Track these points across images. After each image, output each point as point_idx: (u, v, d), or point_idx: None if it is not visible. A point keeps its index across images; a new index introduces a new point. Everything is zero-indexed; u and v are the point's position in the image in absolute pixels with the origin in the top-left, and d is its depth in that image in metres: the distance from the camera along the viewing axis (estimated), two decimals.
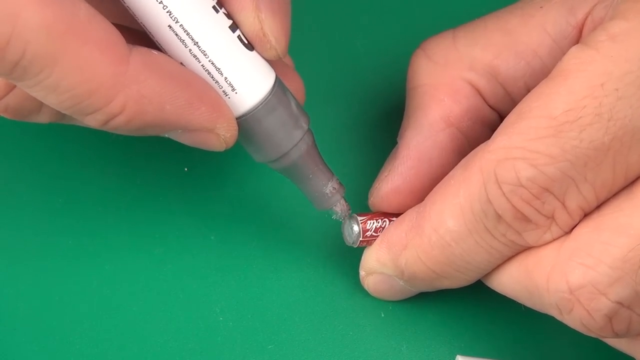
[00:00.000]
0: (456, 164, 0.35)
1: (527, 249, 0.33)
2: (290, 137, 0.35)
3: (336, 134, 0.43)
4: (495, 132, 0.32)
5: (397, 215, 0.38)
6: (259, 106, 0.34)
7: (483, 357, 0.39)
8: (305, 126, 0.35)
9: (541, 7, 0.36)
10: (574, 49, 0.32)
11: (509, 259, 0.34)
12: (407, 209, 0.37)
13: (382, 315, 0.40)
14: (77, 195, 0.41)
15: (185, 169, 0.42)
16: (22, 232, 0.41)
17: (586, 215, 0.32)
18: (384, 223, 0.38)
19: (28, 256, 0.40)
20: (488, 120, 0.38)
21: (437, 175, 0.37)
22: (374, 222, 0.38)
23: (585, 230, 0.32)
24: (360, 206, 0.39)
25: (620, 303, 0.31)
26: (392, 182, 0.37)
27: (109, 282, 0.40)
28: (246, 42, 0.34)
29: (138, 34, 0.33)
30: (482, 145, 0.33)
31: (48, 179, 0.42)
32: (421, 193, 0.37)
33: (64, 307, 0.40)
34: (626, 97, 0.30)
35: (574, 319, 0.32)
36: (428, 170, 0.37)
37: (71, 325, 0.39)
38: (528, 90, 0.34)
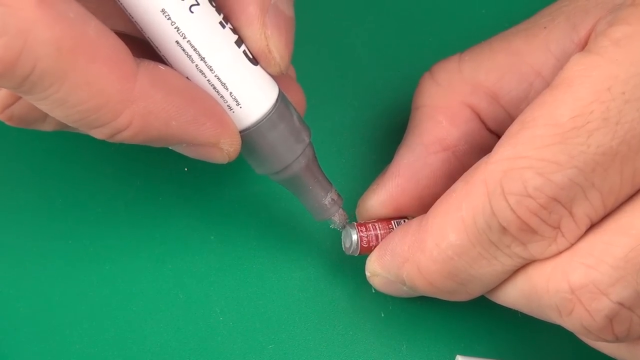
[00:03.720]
0: (445, 187, 0.35)
1: (531, 262, 0.33)
2: (291, 151, 0.35)
3: (336, 135, 0.43)
4: (497, 143, 0.32)
5: (397, 218, 0.38)
6: (262, 120, 0.34)
7: (483, 357, 0.39)
8: (306, 139, 0.35)
9: (545, 28, 0.36)
10: (576, 56, 0.31)
11: (513, 274, 0.33)
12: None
13: (382, 315, 0.40)
14: (77, 195, 0.41)
15: (185, 169, 0.42)
16: (22, 232, 0.41)
17: (593, 225, 0.32)
18: (383, 230, 0.38)
19: (28, 257, 0.40)
20: (486, 145, 0.37)
21: (424, 195, 0.37)
22: (372, 231, 0.38)
23: (588, 234, 0.32)
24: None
25: (621, 304, 0.31)
26: (378, 196, 0.38)
27: (109, 282, 0.40)
28: (251, 56, 0.34)
29: (145, 44, 0.33)
30: (484, 158, 0.33)
31: (48, 179, 0.42)
32: (407, 210, 0.38)
33: (64, 307, 0.40)
34: (633, 100, 0.30)
35: (574, 321, 0.32)
36: (415, 190, 0.37)
37: (71, 325, 0.39)
38: None
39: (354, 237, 0.37)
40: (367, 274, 0.38)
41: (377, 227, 0.38)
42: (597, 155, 0.30)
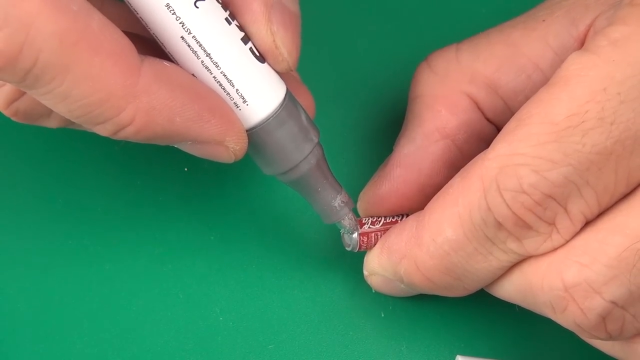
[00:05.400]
0: (446, 176, 0.35)
1: (526, 258, 0.33)
2: (300, 150, 0.35)
3: (338, 134, 0.43)
4: (495, 140, 0.32)
5: (397, 216, 0.38)
6: (269, 118, 0.34)
7: (483, 357, 0.39)
8: (315, 139, 0.35)
9: (543, 21, 0.36)
10: (574, 54, 0.32)
11: (508, 270, 0.34)
12: (394, 214, 0.38)
13: (382, 315, 0.40)
14: (78, 195, 0.41)
15: (185, 169, 0.42)
16: (23, 232, 0.41)
17: (587, 223, 0.32)
18: (383, 226, 0.38)
19: (28, 256, 0.40)
20: (485, 134, 0.38)
21: (426, 185, 0.37)
22: (372, 227, 0.37)
23: (583, 232, 0.32)
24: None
25: (614, 303, 0.31)
26: (379, 188, 0.38)
27: (109, 282, 0.40)
28: (258, 54, 0.33)
29: (150, 43, 0.33)
30: (481, 154, 0.33)
31: (48, 179, 0.42)
32: (408, 201, 0.37)
33: (64, 307, 0.40)
34: (628, 101, 0.30)
35: (567, 318, 0.32)
36: (416, 180, 0.37)
37: (71, 325, 0.39)
38: None
39: (354, 233, 0.37)
40: (365, 272, 0.38)
41: (376, 223, 0.38)
42: (592, 154, 0.30)
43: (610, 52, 0.31)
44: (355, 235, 0.37)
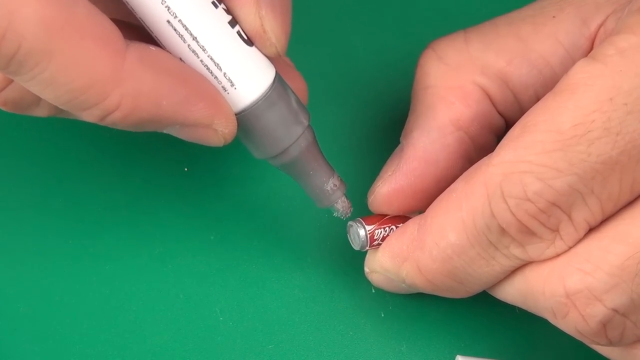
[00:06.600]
0: (462, 169, 0.35)
1: (529, 263, 0.33)
2: (290, 133, 0.35)
3: (337, 133, 0.43)
4: (499, 145, 0.32)
5: (403, 217, 0.38)
6: (258, 102, 0.34)
7: (483, 357, 0.39)
8: (305, 122, 0.35)
9: (554, 17, 0.36)
10: (581, 62, 0.31)
11: (511, 273, 0.34)
12: (407, 210, 0.38)
13: (382, 315, 0.40)
14: (77, 194, 0.41)
15: (185, 169, 0.42)
16: (22, 231, 0.41)
17: (591, 229, 0.32)
18: (390, 228, 0.38)
19: (28, 256, 0.40)
20: (495, 126, 0.38)
21: (442, 178, 0.37)
22: (379, 227, 0.37)
23: (586, 239, 0.32)
24: (361, 206, 0.39)
25: (615, 310, 0.31)
26: (395, 182, 0.37)
27: (109, 282, 0.40)
28: (245, 37, 0.33)
29: (136, 29, 0.33)
30: (484, 159, 0.33)
31: (47, 178, 0.42)
32: (423, 195, 0.37)
33: (64, 307, 0.40)
34: (635, 112, 0.30)
35: (568, 324, 0.32)
36: (433, 173, 0.37)
37: (71, 325, 0.39)
38: (537, 98, 0.33)
39: (362, 232, 0.37)
40: (366, 269, 0.38)
41: (383, 222, 0.37)
42: (597, 164, 0.30)
43: (618, 62, 0.31)
44: (362, 233, 0.37)
